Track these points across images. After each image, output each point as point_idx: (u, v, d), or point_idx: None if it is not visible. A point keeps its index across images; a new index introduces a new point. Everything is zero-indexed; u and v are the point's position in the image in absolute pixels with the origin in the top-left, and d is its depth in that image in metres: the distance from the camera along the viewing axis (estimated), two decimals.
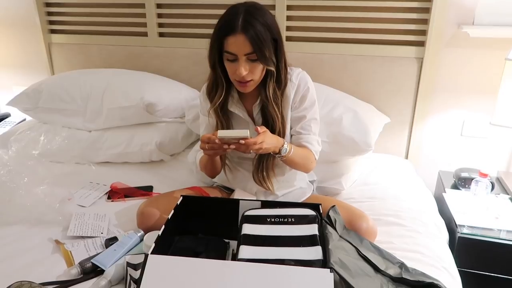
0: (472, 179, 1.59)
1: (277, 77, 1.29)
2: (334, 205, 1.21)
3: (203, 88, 1.42)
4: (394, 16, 1.82)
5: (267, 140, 1.20)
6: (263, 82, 1.30)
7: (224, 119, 1.36)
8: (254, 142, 1.16)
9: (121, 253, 1.18)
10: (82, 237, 1.32)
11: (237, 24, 1.16)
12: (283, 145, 1.26)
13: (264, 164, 1.37)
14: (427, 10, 1.77)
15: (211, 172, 1.44)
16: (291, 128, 1.39)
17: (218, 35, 1.21)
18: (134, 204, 1.49)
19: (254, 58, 1.20)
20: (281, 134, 1.33)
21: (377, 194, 1.60)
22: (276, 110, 1.31)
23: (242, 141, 1.14)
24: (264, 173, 1.38)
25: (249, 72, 1.22)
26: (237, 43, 1.17)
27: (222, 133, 1.15)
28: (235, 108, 1.37)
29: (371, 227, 1.27)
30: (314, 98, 1.38)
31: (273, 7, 1.94)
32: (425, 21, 1.79)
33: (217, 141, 1.16)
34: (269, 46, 1.20)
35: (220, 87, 1.32)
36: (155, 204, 1.34)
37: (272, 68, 1.25)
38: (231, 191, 1.49)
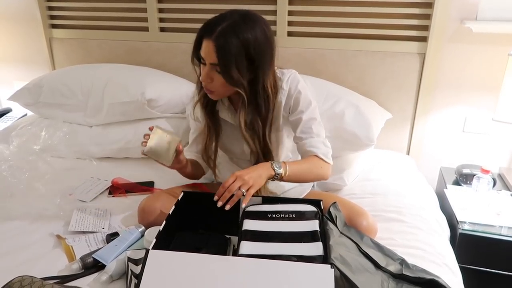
0: (474, 175, 1.59)
1: (253, 101, 1.21)
2: (335, 202, 1.21)
3: (194, 93, 1.38)
4: (397, 11, 1.81)
5: (245, 174, 1.13)
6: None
7: (212, 123, 1.33)
8: (228, 182, 1.11)
9: (122, 248, 1.19)
10: (83, 232, 1.32)
11: (214, 30, 1.11)
12: (272, 164, 1.18)
13: None
14: (429, 5, 1.76)
15: (189, 178, 1.44)
16: (294, 136, 1.33)
17: (199, 34, 1.16)
18: (135, 199, 1.49)
19: (219, 71, 1.14)
20: (266, 153, 1.29)
21: (379, 190, 1.59)
22: (251, 138, 1.25)
23: (216, 197, 1.12)
24: None
25: (212, 82, 1.17)
26: (206, 49, 1.13)
27: (157, 127, 1.21)
28: (225, 114, 1.34)
29: (371, 224, 1.26)
30: (308, 98, 1.30)
31: (274, 1, 1.93)
32: (428, 16, 1.78)
33: (149, 129, 1.19)
34: (239, 65, 1.12)
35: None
36: (156, 200, 1.34)
37: (240, 90, 1.17)
38: None
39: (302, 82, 1.31)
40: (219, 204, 1.10)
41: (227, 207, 1.10)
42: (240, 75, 1.14)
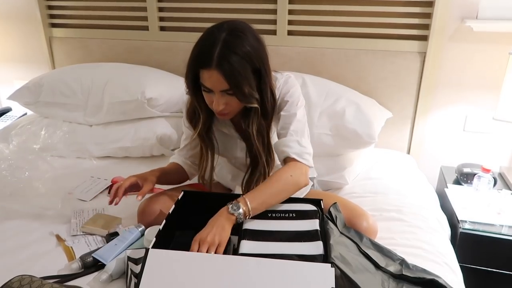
0: (475, 174, 1.58)
1: (262, 110, 1.18)
2: (336, 202, 1.20)
3: (188, 100, 1.34)
4: (397, 10, 1.80)
5: (206, 235, 0.99)
6: (245, 114, 1.20)
7: (208, 141, 1.30)
8: (193, 251, 0.98)
9: (122, 247, 1.18)
10: (84, 233, 1.32)
11: (212, 58, 1.05)
12: (229, 208, 1.05)
13: (255, 183, 1.29)
14: (430, 4, 1.75)
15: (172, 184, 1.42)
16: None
17: (192, 65, 1.12)
18: (135, 198, 1.49)
19: (231, 93, 1.11)
20: (269, 160, 1.26)
21: (379, 189, 1.59)
22: (260, 144, 1.23)
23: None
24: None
25: (226, 105, 1.13)
26: (212, 79, 1.08)
27: (86, 229, 1.32)
28: (222, 126, 1.32)
29: (371, 225, 1.25)
30: (295, 97, 1.24)
31: (274, 0, 1.92)
32: (428, 15, 1.78)
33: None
34: (249, 80, 1.09)
35: (202, 112, 1.23)
36: (155, 202, 1.33)
37: (255, 105, 1.15)
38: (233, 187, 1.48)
39: (292, 81, 1.27)
40: None
41: None
42: (251, 89, 1.12)
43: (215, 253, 0.98)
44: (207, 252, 0.97)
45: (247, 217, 1.08)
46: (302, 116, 1.26)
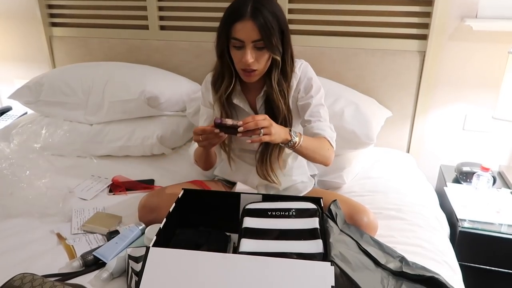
0: (474, 173, 1.59)
1: (282, 68, 1.28)
2: (336, 199, 1.21)
3: (207, 78, 1.41)
4: (397, 9, 1.80)
5: (273, 123, 1.15)
6: (268, 73, 1.29)
7: (227, 107, 1.35)
8: (259, 117, 1.11)
9: (122, 246, 1.19)
10: (84, 232, 1.33)
11: (246, 10, 1.16)
12: (290, 131, 1.21)
13: (268, 156, 1.36)
14: (429, 3, 1.76)
15: (205, 165, 1.42)
16: (302, 119, 1.37)
17: (226, 21, 1.20)
18: (136, 197, 1.50)
19: (261, 46, 1.19)
20: (287, 125, 1.32)
21: (379, 188, 1.60)
22: (282, 100, 1.30)
23: (240, 123, 1.10)
24: (268, 166, 1.37)
25: (255, 61, 1.21)
26: (245, 29, 1.17)
27: (87, 227, 1.31)
28: (238, 100, 1.36)
29: (372, 221, 1.27)
30: (318, 85, 1.37)
31: None
32: (428, 14, 1.78)
33: (216, 131, 1.13)
34: (276, 35, 1.19)
35: (227, 77, 1.31)
36: (156, 197, 1.34)
37: (278, 57, 1.24)
38: (233, 184, 1.49)
39: (312, 70, 1.37)
40: (239, 134, 1.11)
41: (248, 141, 1.12)
42: (278, 43, 1.21)
43: (261, 135, 1.10)
44: (257, 132, 1.10)
45: (293, 147, 1.21)
46: (325, 104, 1.39)
